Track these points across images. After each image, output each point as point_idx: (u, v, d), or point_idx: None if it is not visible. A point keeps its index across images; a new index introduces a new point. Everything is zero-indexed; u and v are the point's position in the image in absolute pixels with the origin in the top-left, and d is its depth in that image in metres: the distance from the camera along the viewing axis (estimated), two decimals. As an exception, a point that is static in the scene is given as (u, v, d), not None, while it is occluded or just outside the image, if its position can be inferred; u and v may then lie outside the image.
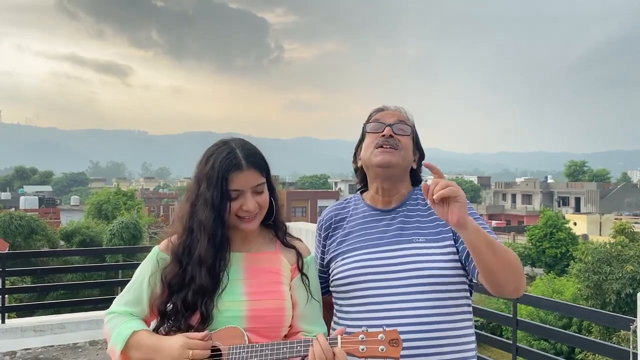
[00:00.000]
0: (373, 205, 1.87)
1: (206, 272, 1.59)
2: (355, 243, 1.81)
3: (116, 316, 1.65)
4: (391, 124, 1.80)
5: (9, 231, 26.99)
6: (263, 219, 1.74)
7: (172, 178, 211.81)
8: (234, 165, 1.61)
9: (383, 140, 1.77)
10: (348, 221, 1.89)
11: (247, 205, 1.63)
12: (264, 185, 1.67)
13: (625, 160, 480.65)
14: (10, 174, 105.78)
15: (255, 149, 1.70)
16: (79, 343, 5.93)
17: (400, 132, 1.79)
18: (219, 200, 1.60)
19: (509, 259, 1.56)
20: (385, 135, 1.77)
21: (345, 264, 1.78)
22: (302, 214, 48.51)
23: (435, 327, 1.67)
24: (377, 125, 1.82)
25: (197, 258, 1.61)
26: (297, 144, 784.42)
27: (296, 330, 1.72)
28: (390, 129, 1.78)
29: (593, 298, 17.28)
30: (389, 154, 1.76)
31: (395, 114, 1.85)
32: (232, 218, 1.64)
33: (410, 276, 1.70)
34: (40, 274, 17.35)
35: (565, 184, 64.72)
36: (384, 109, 1.89)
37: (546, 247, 31.02)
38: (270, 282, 1.67)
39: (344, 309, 1.78)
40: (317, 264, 1.95)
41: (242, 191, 1.63)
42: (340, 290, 1.80)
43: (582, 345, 4.80)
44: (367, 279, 1.73)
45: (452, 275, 1.70)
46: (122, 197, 38.64)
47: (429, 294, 1.69)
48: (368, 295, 1.72)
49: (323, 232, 1.94)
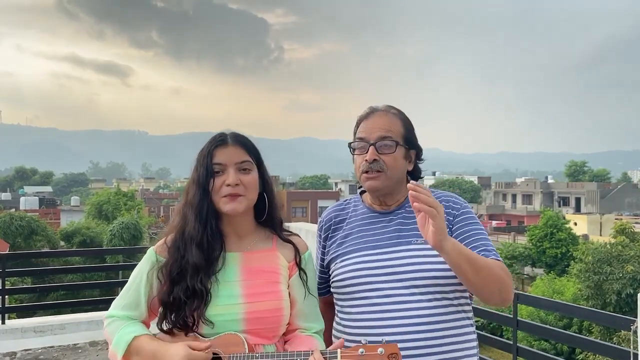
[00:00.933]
0: (372, 207, 1.89)
1: (196, 249, 1.60)
2: (354, 245, 1.82)
3: (115, 320, 1.65)
4: (375, 142, 1.77)
5: (9, 232, 27.03)
6: (257, 216, 1.74)
7: (172, 178, 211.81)
8: (218, 142, 1.66)
9: (367, 166, 1.77)
10: (347, 222, 1.90)
11: (229, 179, 1.62)
12: (250, 164, 1.67)
13: (626, 160, 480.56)
14: (11, 174, 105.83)
15: (247, 138, 1.73)
16: (79, 344, 5.93)
17: (385, 150, 1.77)
18: (204, 177, 1.63)
19: (493, 275, 1.62)
20: (369, 160, 1.76)
21: (345, 266, 1.80)
22: (303, 214, 48.52)
23: (435, 327, 1.68)
24: (361, 146, 1.80)
25: (188, 237, 1.63)
26: (297, 144, 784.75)
27: (294, 328, 1.72)
28: (374, 151, 1.76)
29: (593, 298, 17.26)
30: (375, 180, 1.78)
31: (380, 124, 1.80)
32: (216, 198, 1.64)
33: (409, 277, 1.71)
34: (41, 275, 17.39)
35: (565, 184, 64.69)
36: (371, 114, 1.84)
37: (546, 247, 31.00)
38: (268, 283, 1.66)
39: (345, 309, 1.80)
40: (318, 264, 1.97)
41: (225, 165, 1.64)
42: (340, 292, 1.82)
43: (583, 345, 4.80)
44: (366, 280, 1.74)
45: (451, 277, 1.70)
46: (123, 197, 38.62)
47: (428, 294, 1.70)
48: (368, 296, 1.73)
49: (323, 233, 1.95)
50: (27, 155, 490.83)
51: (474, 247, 1.71)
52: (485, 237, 1.76)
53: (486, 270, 1.60)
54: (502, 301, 1.66)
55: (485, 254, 1.68)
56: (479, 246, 1.71)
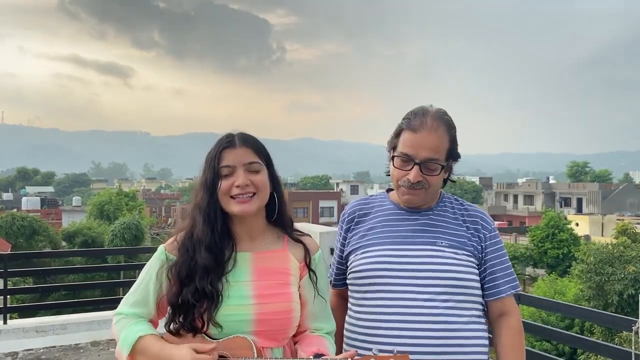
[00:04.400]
0: (399, 204, 1.87)
1: (205, 251, 1.59)
2: (377, 238, 1.81)
3: (123, 318, 1.64)
4: (420, 162, 1.71)
5: (11, 232, 27.01)
6: (268, 216, 1.72)
7: (174, 179, 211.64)
8: (227, 143, 1.64)
9: (409, 185, 1.74)
10: (372, 217, 1.89)
11: (238, 181, 1.60)
12: (259, 165, 1.65)
13: (628, 161, 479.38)
14: (13, 174, 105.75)
15: (255, 138, 1.70)
16: (81, 344, 5.93)
17: (430, 172, 1.73)
18: (211, 179, 1.61)
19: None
20: (412, 181, 1.72)
21: (365, 258, 1.79)
22: (304, 214, 48.49)
23: (448, 326, 1.69)
24: (404, 162, 1.74)
25: (196, 239, 1.61)
26: (298, 145, 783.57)
27: (304, 329, 1.71)
28: (418, 172, 1.71)
29: (595, 299, 17.24)
30: (414, 196, 1.77)
31: (429, 144, 1.71)
32: (225, 199, 1.62)
33: (428, 277, 1.71)
34: (42, 275, 17.38)
35: (567, 184, 64.58)
36: (419, 126, 1.72)
37: (548, 248, 30.96)
38: (279, 284, 1.64)
39: (360, 302, 1.79)
40: (337, 255, 1.96)
41: (234, 167, 1.62)
42: (357, 283, 1.81)
43: (584, 346, 4.78)
44: (385, 274, 1.74)
45: (469, 280, 1.73)
46: (124, 198, 38.61)
47: (445, 295, 1.70)
48: (384, 290, 1.73)
49: (345, 224, 1.93)
50: (29, 155, 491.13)
51: (505, 274, 1.80)
52: (509, 265, 1.83)
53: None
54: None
55: (512, 287, 1.80)
56: (508, 275, 1.81)
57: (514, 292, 1.80)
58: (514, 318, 1.81)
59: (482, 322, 1.78)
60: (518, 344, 1.79)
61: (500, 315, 1.80)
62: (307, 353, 1.59)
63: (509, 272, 1.81)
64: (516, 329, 1.80)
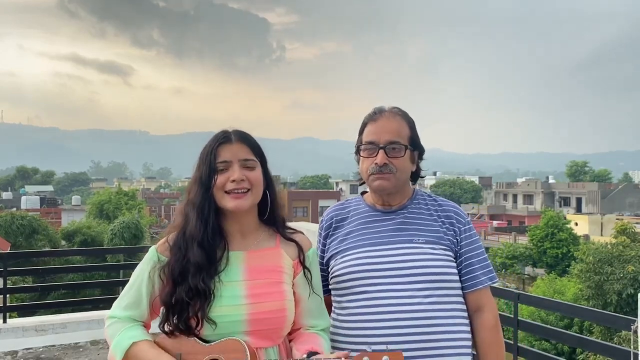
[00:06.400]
0: (374, 206, 1.91)
1: (198, 247, 1.58)
2: (355, 242, 1.84)
3: (116, 322, 1.63)
4: (384, 145, 1.79)
5: (10, 231, 26.97)
6: (260, 214, 1.73)
7: (174, 178, 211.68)
8: (222, 139, 1.64)
9: (377, 169, 1.79)
10: (349, 221, 1.92)
11: (234, 175, 1.60)
12: (254, 162, 1.66)
13: (627, 160, 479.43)
14: (12, 173, 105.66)
15: (251, 135, 1.70)
16: (80, 343, 5.94)
17: (395, 153, 1.80)
18: (207, 175, 1.61)
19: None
20: (379, 164, 1.78)
21: (345, 262, 1.82)
22: (304, 214, 48.48)
23: (432, 322, 1.72)
24: (370, 149, 1.82)
25: (189, 236, 1.60)
26: (298, 144, 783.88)
27: (300, 326, 1.71)
28: (384, 155, 1.79)
29: (594, 298, 17.22)
30: (384, 180, 1.80)
31: (389, 128, 1.82)
32: (219, 194, 1.62)
33: (408, 274, 1.74)
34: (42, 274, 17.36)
35: (566, 184, 64.59)
36: (378, 117, 1.85)
37: (547, 248, 31.00)
38: (272, 283, 1.64)
39: (344, 304, 1.82)
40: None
41: (230, 162, 1.62)
42: (339, 287, 1.83)
43: (584, 345, 4.79)
44: (365, 275, 1.77)
45: (448, 274, 1.78)
46: (124, 197, 38.58)
47: (426, 290, 1.74)
48: (366, 291, 1.76)
49: (324, 231, 1.97)
50: (28, 154, 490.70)
51: (481, 265, 1.84)
52: (486, 257, 1.88)
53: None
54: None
55: (489, 278, 1.84)
56: (485, 267, 1.85)
57: (491, 284, 1.84)
58: (490, 314, 1.83)
59: (464, 316, 1.81)
60: (494, 341, 1.82)
61: (477, 310, 1.83)
62: (300, 351, 1.59)
63: (485, 263, 1.85)
64: (492, 326, 1.82)
